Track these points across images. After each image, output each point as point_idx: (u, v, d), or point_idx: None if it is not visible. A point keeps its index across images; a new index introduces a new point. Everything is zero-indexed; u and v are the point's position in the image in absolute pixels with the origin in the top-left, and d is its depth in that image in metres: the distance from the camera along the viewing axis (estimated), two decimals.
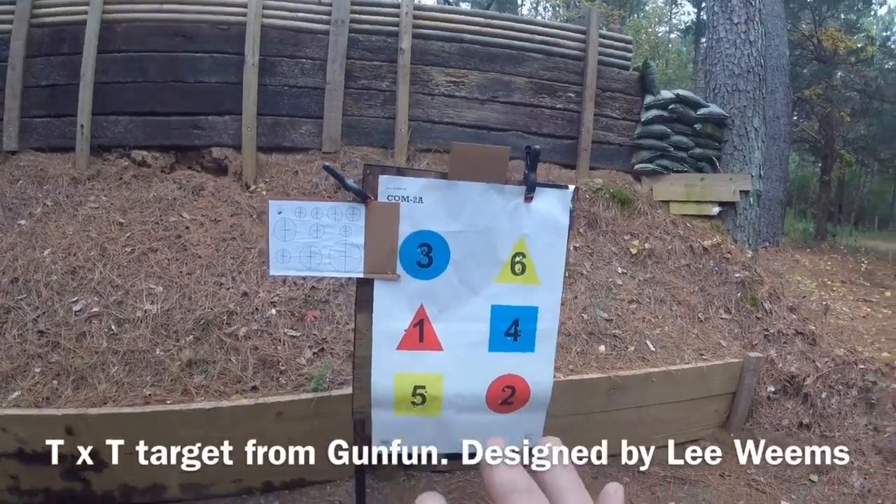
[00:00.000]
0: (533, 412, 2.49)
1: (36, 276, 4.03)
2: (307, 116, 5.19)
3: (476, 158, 2.31)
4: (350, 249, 2.28)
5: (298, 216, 2.23)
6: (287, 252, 2.24)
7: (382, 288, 2.31)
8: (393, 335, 2.33)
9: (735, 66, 6.23)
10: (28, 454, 3.32)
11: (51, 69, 5.06)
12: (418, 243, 2.29)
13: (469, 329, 2.36)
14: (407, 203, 2.28)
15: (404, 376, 2.34)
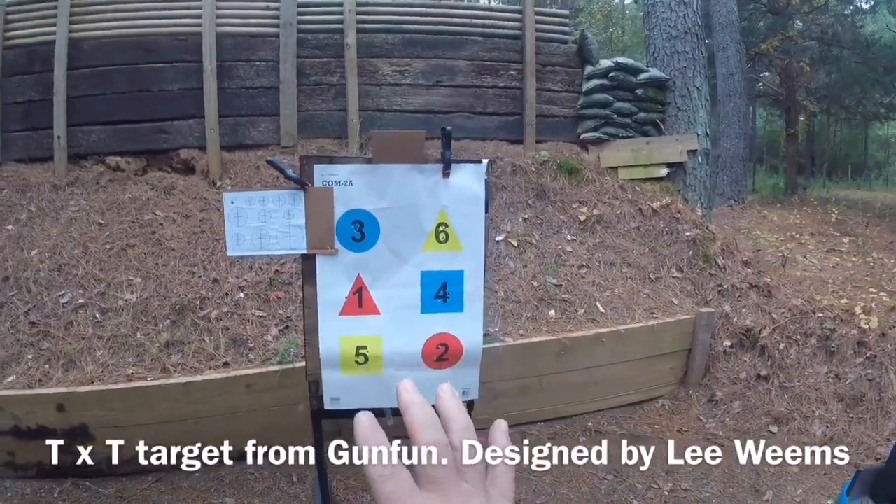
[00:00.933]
0: (467, 367, 2.80)
1: (25, 274, 4.36)
2: (265, 115, 5.48)
3: (396, 143, 2.65)
4: (294, 230, 2.61)
5: (248, 204, 2.57)
6: (241, 235, 2.57)
7: (323, 262, 2.64)
8: (335, 303, 2.66)
9: (672, 29, 6.38)
10: (23, 431, 3.65)
11: (25, 87, 5.36)
12: (351, 220, 2.62)
13: (402, 294, 2.68)
14: (339, 187, 2.61)
15: (348, 339, 2.67)
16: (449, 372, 2.76)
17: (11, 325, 4.12)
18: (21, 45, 5.39)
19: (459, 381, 2.77)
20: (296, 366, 3.79)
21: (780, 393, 4.65)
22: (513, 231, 5.14)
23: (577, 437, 4.34)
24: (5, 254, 4.52)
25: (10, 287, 4.32)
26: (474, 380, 2.84)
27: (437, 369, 2.75)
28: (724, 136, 14.00)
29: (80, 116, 5.32)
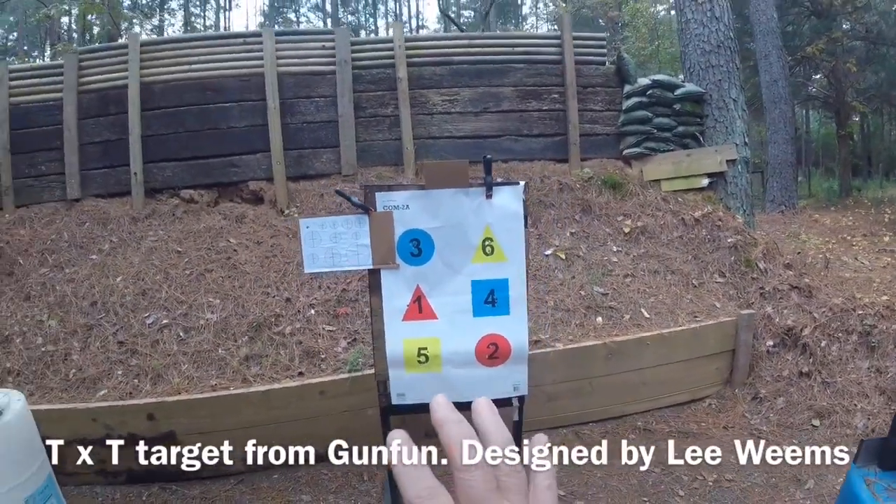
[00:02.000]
0: (516, 364, 3.13)
1: (112, 299, 4.80)
2: (326, 146, 5.93)
3: (444, 171, 3.03)
4: (361, 249, 3.00)
5: (321, 228, 2.97)
6: (316, 255, 2.97)
7: (387, 275, 3.02)
8: (399, 310, 3.03)
9: (705, 44, 6.62)
10: (114, 439, 3.85)
11: (102, 128, 5.88)
12: (409, 239, 3.00)
13: (456, 300, 3.04)
14: (398, 210, 2.99)
15: (410, 341, 3.04)
16: (500, 369, 3.10)
17: (101, 344, 4.53)
18: (95, 90, 5.92)
19: (509, 377, 3.12)
20: (364, 373, 4.15)
21: (822, 388, 4.76)
22: (561, 245, 5.44)
23: (627, 435, 4.56)
24: (91, 281, 4.96)
25: (97, 311, 4.75)
26: (523, 377, 3.15)
27: (490, 367, 3.09)
28: (771, 143, 13.99)
29: (154, 154, 5.81)
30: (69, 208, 5.70)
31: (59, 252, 5.24)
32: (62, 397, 4.17)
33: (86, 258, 5.21)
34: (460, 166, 3.02)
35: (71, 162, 5.77)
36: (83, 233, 5.44)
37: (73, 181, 5.77)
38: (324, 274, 4.66)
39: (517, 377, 3.16)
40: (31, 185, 5.83)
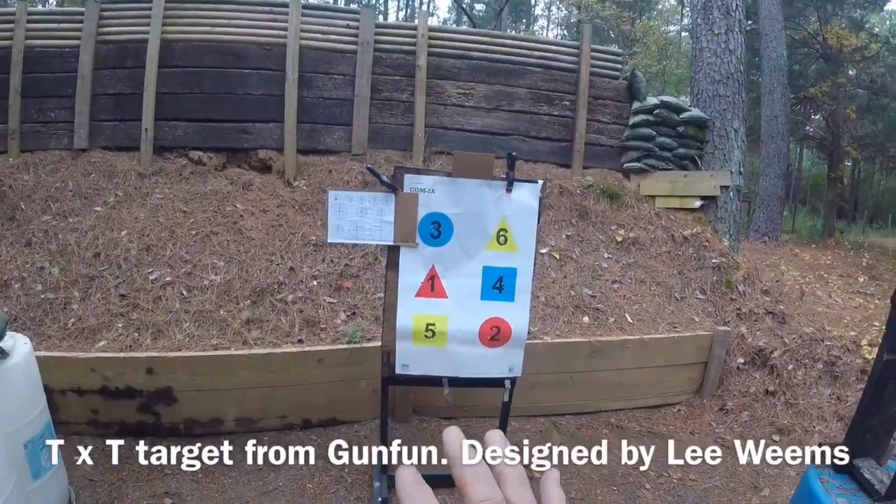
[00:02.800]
0: (514, 348, 3.36)
1: (115, 252, 4.86)
2: (339, 124, 6.04)
3: (471, 162, 3.22)
4: (384, 225, 3.17)
5: (349, 201, 3.13)
6: (341, 226, 3.13)
7: (406, 253, 3.20)
8: (412, 286, 3.22)
9: (716, 73, 6.87)
10: (111, 391, 3.98)
11: (116, 80, 5.89)
12: (431, 221, 3.19)
13: (467, 283, 3.24)
14: (423, 193, 3.17)
15: (420, 317, 3.23)
16: (499, 351, 3.33)
17: (102, 296, 4.59)
18: (114, 42, 5.90)
19: (507, 358, 3.36)
20: (363, 346, 4.32)
21: (785, 408, 5.04)
22: (556, 245, 5.64)
23: (601, 430, 4.78)
24: (95, 232, 5.00)
25: (100, 262, 4.81)
26: (519, 360, 3.40)
27: (490, 347, 3.32)
28: (763, 175, 14.39)
29: (167, 112, 5.86)
30: (75, 158, 5.73)
31: (63, 201, 5.26)
32: (60, 346, 4.21)
33: (90, 209, 5.25)
34: (487, 159, 3.21)
35: (81, 111, 5.78)
36: (88, 184, 5.47)
37: (81, 131, 5.79)
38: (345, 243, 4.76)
39: (513, 360, 3.38)
40: (38, 130, 5.82)
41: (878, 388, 2.44)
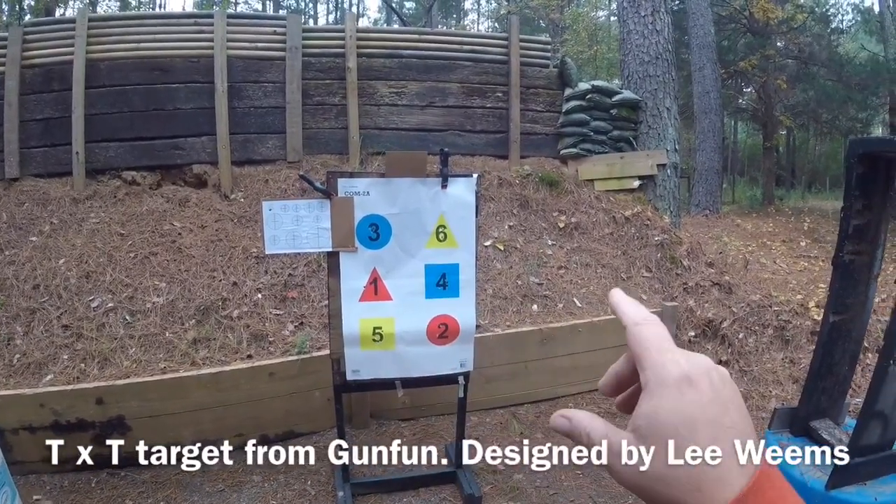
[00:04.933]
0: (463, 343, 3.38)
1: (55, 282, 4.72)
2: (272, 132, 5.96)
3: (404, 161, 3.22)
4: (321, 232, 3.15)
5: (283, 211, 3.10)
6: (277, 237, 3.10)
7: (346, 258, 3.19)
8: (355, 291, 3.21)
9: (644, 55, 6.99)
10: (63, 425, 3.87)
11: (44, 105, 5.70)
12: (368, 224, 3.19)
13: (410, 283, 3.25)
14: (359, 196, 3.16)
15: (366, 321, 3.22)
16: (449, 347, 3.35)
17: (45, 328, 4.47)
18: (39, 65, 5.73)
19: (457, 354, 3.37)
20: (313, 356, 4.28)
21: (739, 376, 5.14)
22: (499, 237, 5.67)
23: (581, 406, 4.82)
24: (33, 263, 4.86)
25: (40, 294, 4.67)
26: (469, 354, 3.43)
27: (440, 345, 3.34)
28: (699, 151, 14.70)
29: (98, 133, 5.70)
30: (7, 188, 5.54)
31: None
32: (7, 383, 4.10)
33: (26, 240, 5.10)
34: (419, 157, 3.22)
35: (10, 140, 5.59)
36: (22, 213, 5.32)
37: (12, 160, 5.60)
38: (282, 254, 4.72)
39: (464, 355, 3.40)
40: None
41: (827, 351, 2.51)
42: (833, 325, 2.46)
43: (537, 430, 4.65)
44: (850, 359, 2.55)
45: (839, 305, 2.44)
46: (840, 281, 2.43)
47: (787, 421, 2.57)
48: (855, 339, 2.52)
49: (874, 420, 2.25)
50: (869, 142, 2.42)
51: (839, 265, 2.42)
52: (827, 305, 2.48)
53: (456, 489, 3.86)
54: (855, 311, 2.46)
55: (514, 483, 3.97)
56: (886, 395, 2.21)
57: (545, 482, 4.01)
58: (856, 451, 2.25)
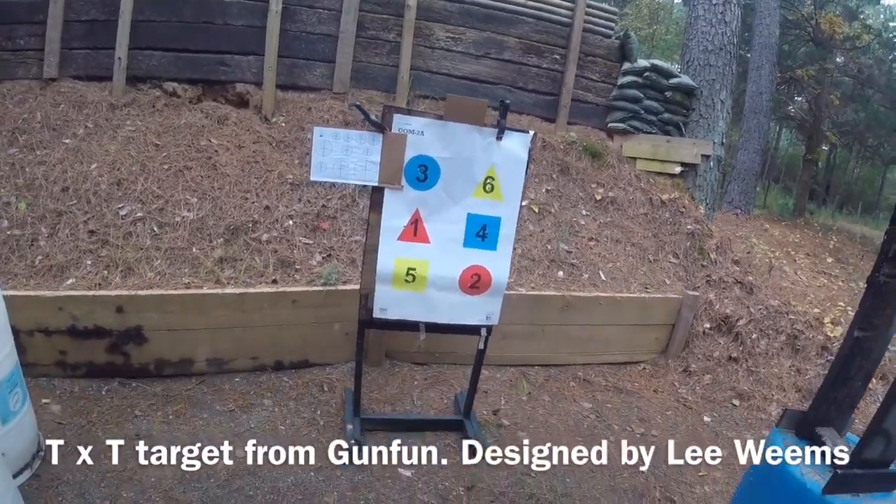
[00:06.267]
0: (493, 296, 3.37)
1: (85, 186, 4.65)
2: (321, 60, 5.83)
3: (463, 107, 3.14)
4: (369, 165, 3.09)
5: (334, 139, 3.04)
6: (324, 164, 3.04)
7: (390, 195, 3.14)
8: (395, 229, 3.17)
9: (709, 43, 6.83)
10: (79, 330, 3.84)
11: (90, 6, 5.53)
12: (418, 164, 3.13)
13: (450, 229, 3.21)
14: (412, 135, 3.10)
15: (401, 260, 3.19)
16: (478, 298, 3.36)
17: (70, 232, 4.41)
18: None
19: (486, 306, 3.39)
20: (338, 288, 4.25)
21: (746, 375, 5.19)
22: (535, 199, 5.61)
23: (568, 382, 4.87)
24: (64, 165, 4.79)
25: (69, 197, 4.61)
26: (497, 308, 3.45)
27: (470, 295, 3.35)
28: (742, 150, 14.52)
29: (142, 40, 5.57)
30: (44, 87, 5.43)
31: (30, 133, 5.03)
32: (27, 284, 4.05)
33: (59, 141, 5.02)
34: (480, 105, 3.15)
35: (52, 38, 5.45)
36: (57, 115, 5.22)
37: (51, 59, 5.47)
38: (327, 182, 4.64)
39: (491, 308, 3.40)
40: (6, 59, 5.46)
41: (846, 363, 2.51)
42: (856, 340, 2.47)
43: (545, 392, 4.69)
44: (864, 376, 2.54)
45: (865, 323, 2.44)
46: (871, 300, 2.43)
47: (795, 423, 2.61)
48: (873, 359, 2.52)
49: (879, 436, 2.29)
50: None
51: (874, 284, 2.41)
52: (854, 320, 2.48)
53: (461, 437, 3.89)
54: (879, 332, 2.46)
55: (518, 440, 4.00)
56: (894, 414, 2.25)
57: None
58: (857, 463, 2.30)
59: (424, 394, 4.41)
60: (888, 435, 2.28)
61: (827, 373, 2.63)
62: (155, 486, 3.17)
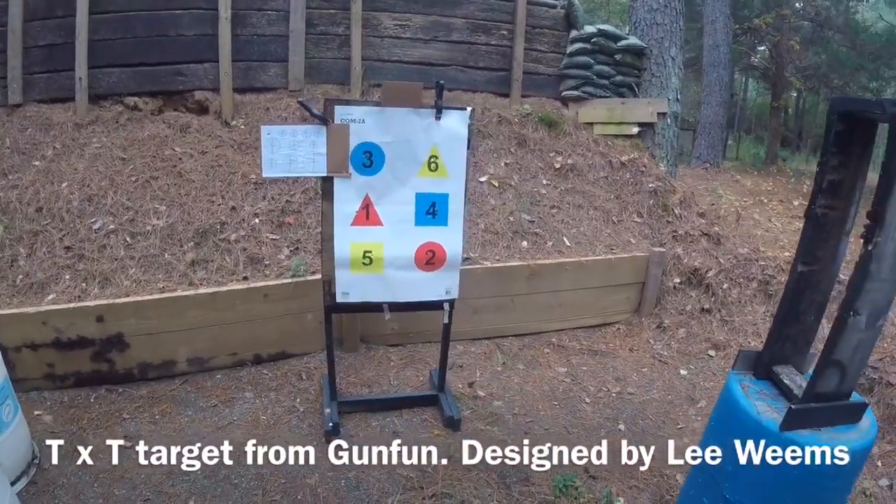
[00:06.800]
0: (449, 271, 3.53)
1: (57, 205, 4.81)
2: (275, 60, 5.96)
3: (399, 91, 3.30)
4: (317, 157, 3.25)
5: (281, 135, 3.20)
6: (274, 160, 3.20)
7: (339, 183, 3.30)
8: (348, 215, 3.33)
9: (654, 2, 6.93)
10: (63, 342, 3.99)
11: (47, 31, 5.67)
12: (363, 151, 3.28)
13: (400, 210, 3.38)
14: (354, 123, 3.25)
15: (357, 245, 3.36)
16: (436, 274, 3.51)
17: (47, 250, 4.58)
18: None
19: (443, 281, 3.54)
20: (307, 279, 4.42)
21: (720, 325, 5.30)
22: (495, 173, 5.76)
23: (542, 349, 5.01)
24: (36, 187, 4.94)
25: (43, 216, 4.77)
26: (455, 282, 3.59)
27: (426, 271, 3.51)
28: (705, 104, 14.66)
29: (101, 59, 5.69)
30: (10, 114, 5.58)
31: (1, 159, 5.18)
32: (10, 303, 4.21)
33: (29, 164, 5.17)
34: (415, 88, 3.29)
35: (14, 66, 5.59)
36: (25, 139, 5.38)
37: (14, 85, 5.61)
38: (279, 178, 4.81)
39: (450, 282, 3.55)
40: None
41: (794, 299, 2.56)
42: (801, 274, 2.52)
43: (519, 361, 4.83)
44: (816, 310, 2.59)
45: (808, 256, 2.50)
46: (811, 232, 2.48)
47: (751, 364, 2.67)
48: (822, 291, 2.57)
49: (831, 368, 2.32)
50: (850, 101, 2.46)
51: (811, 217, 2.46)
52: (797, 255, 2.52)
53: (437, 412, 4.05)
54: (824, 264, 2.52)
55: (493, 409, 4.16)
56: (844, 345, 2.29)
57: (522, 409, 4.21)
58: (811, 397, 2.34)
59: (401, 374, 4.57)
60: (841, 366, 2.32)
61: (776, 310, 2.69)
62: (145, 482, 3.34)
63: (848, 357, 2.32)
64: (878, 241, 2.14)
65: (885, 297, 2.28)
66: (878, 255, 2.16)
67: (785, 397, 2.50)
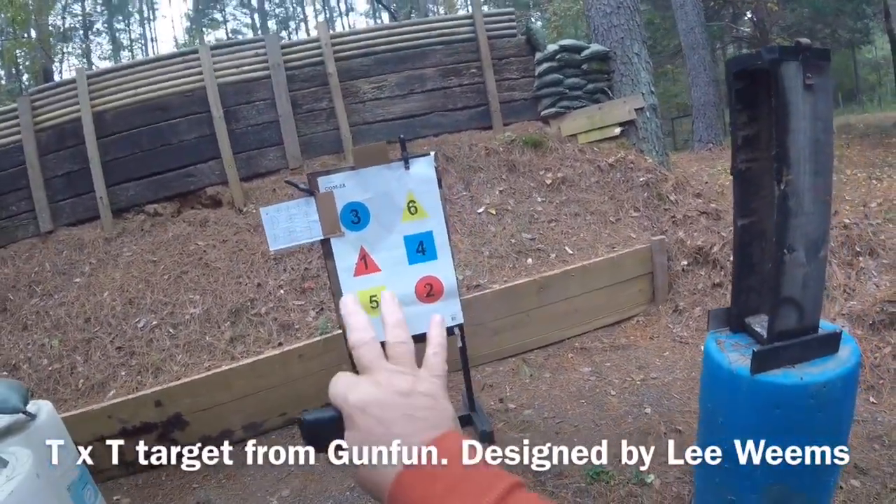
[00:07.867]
0: (450, 298, 3.86)
1: (103, 312, 5.35)
2: (271, 145, 6.50)
3: (368, 153, 3.72)
4: (312, 224, 3.66)
5: (278, 213, 3.64)
6: (277, 235, 3.63)
7: (336, 242, 3.71)
8: (349, 268, 3.72)
9: (606, 6, 7.24)
10: (129, 430, 4.43)
11: (62, 161, 6.33)
12: (350, 210, 3.69)
13: (393, 254, 3.75)
14: (337, 189, 3.67)
15: (363, 292, 3.71)
16: (438, 304, 3.84)
17: (101, 353, 5.08)
18: (51, 126, 6.36)
19: (447, 309, 3.86)
20: (334, 334, 4.79)
21: None
22: (491, 202, 6.13)
23: (566, 355, 5.24)
24: (81, 300, 5.49)
25: (92, 325, 5.29)
26: (457, 308, 3.91)
27: (429, 303, 3.84)
28: (694, 87, 14.86)
29: (116, 176, 6.30)
30: (45, 241, 6.18)
31: (44, 282, 5.71)
32: (77, 404, 4.66)
33: (70, 282, 5.71)
34: (380, 147, 3.73)
35: (39, 197, 6.21)
36: (63, 260, 5.93)
37: (43, 215, 6.22)
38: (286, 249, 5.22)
39: (453, 309, 3.90)
40: (4, 226, 6.27)
41: (745, 251, 2.69)
42: (742, 227, 2.64)
43: (545, 370, 5.08)
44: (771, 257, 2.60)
45: (745, 209, 2.63)
46: (741, 187, 2.62)
47: (724, 320, 2.78)
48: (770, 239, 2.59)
49: (785, 306, 2.42)
50: (740, 59, 2.68)
51: (737, 174, 2.60)
52: (734, 211, 2.65)
53: (472, 429, 4.35)
54: (763, 213, 2.60)
55: (524, 418, 4.43)
56: (791, 281, 2.39)
57: (552, 413, 4.46)
58: (774, 337, 2.44)
59: None
60: (795, 302, 2.42)
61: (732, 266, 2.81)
62: None
63: (799, 292, 2.43)
64: (790, 179, 2.30)
65: (816, 229, 2.42)
66: (794, 192, 2.31)
67: (758, 344, 2.58)
